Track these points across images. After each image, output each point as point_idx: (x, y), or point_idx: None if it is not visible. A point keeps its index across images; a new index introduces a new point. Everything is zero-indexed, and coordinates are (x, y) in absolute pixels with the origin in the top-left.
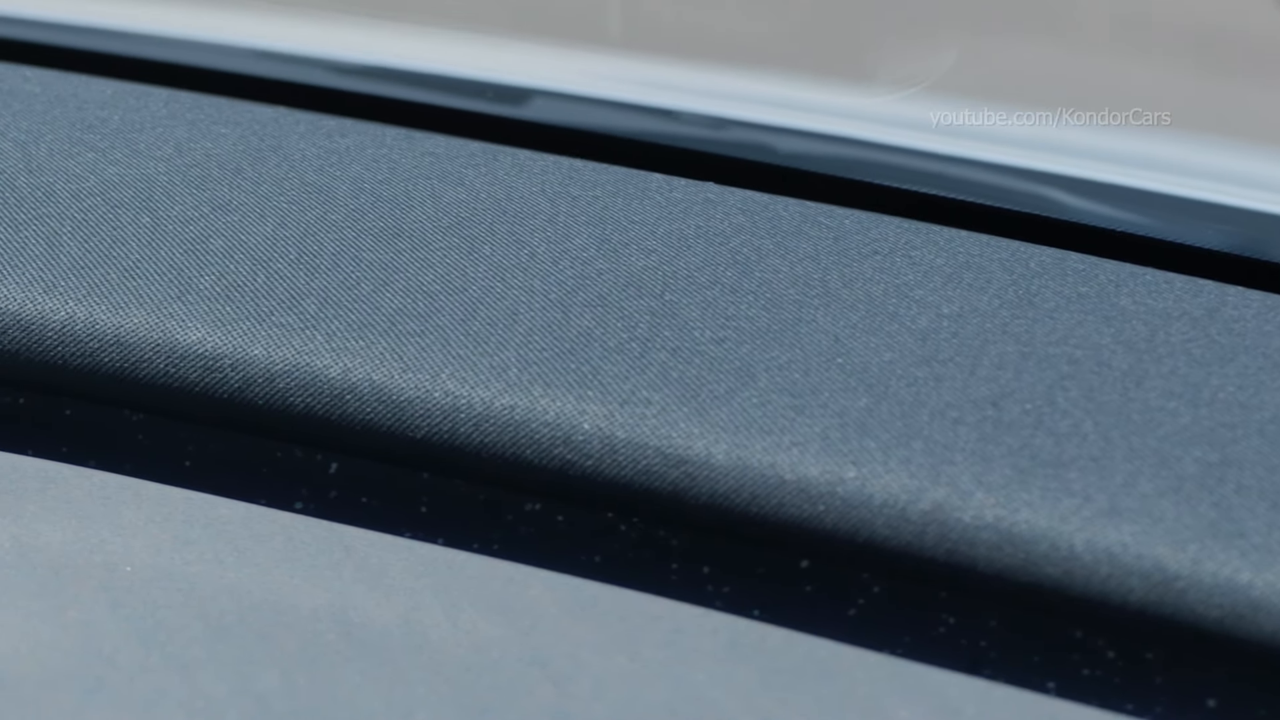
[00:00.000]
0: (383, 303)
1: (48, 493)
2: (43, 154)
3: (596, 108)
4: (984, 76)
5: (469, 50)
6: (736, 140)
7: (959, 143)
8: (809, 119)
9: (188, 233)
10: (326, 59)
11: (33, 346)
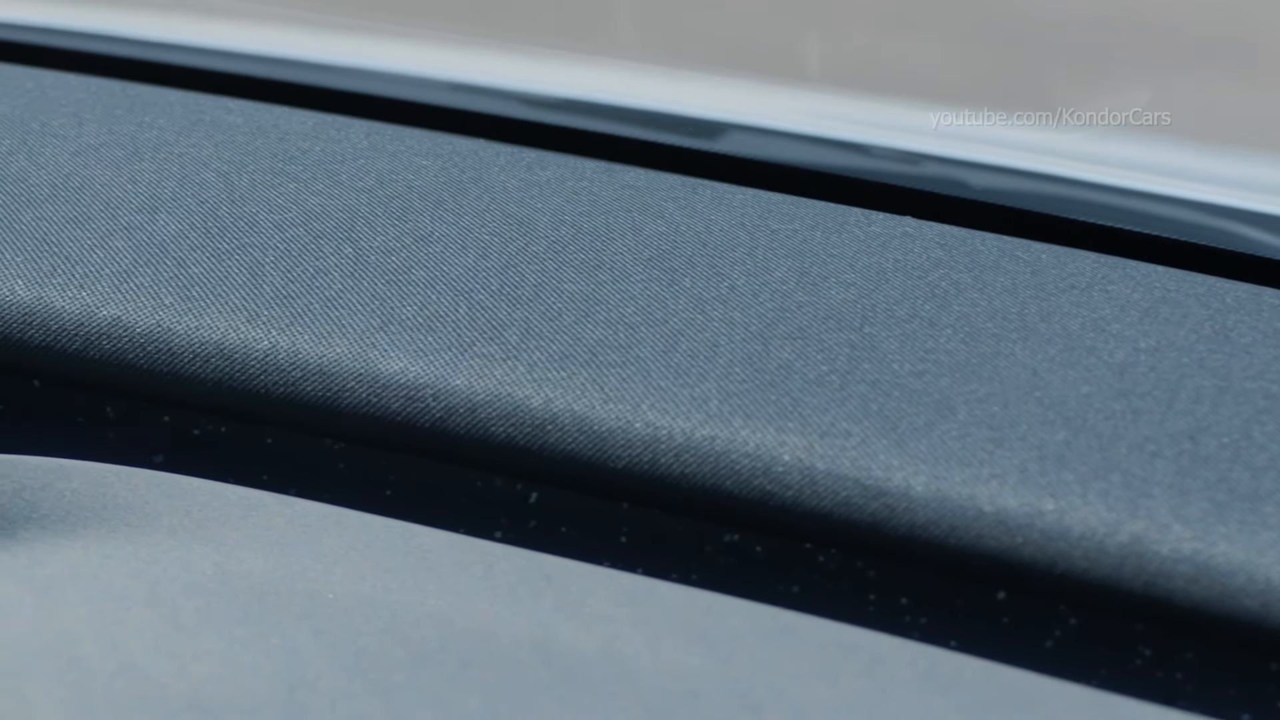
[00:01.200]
0: (584, 334)
1: (250, 520)
2: (245, 184)
3: (794, 142)
4: (1175, 113)
5: (669, 85)
6: (933, 175)
7: (1154, 179)
8: (1006, 155)
9: (390, 263)
10: (526, 92)
11: (236, 375)
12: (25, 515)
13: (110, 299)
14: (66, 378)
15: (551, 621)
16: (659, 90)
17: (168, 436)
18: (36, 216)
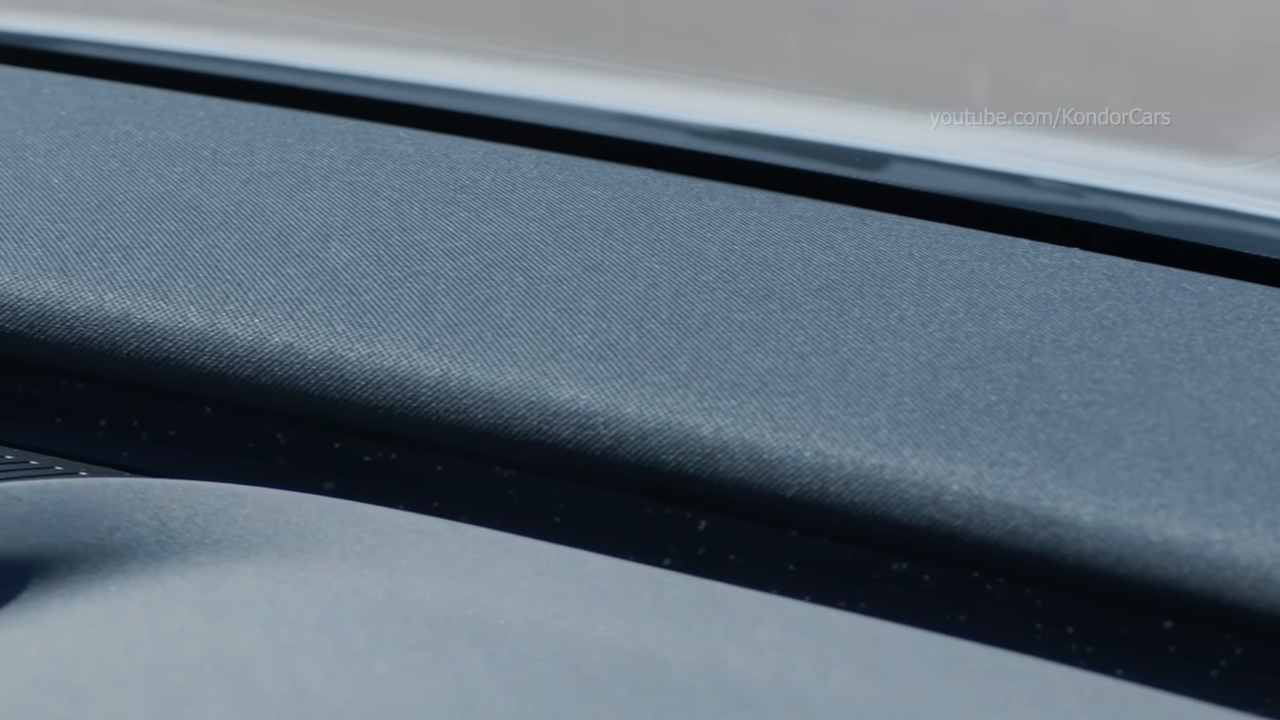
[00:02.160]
0: (754, 363)
1: (420, 546)
2: (416, 212)
3: (962, 174)
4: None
5: (836, 116)
6: (1099, 207)
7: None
8: (1172, 187)
9: (561, 292)
10: (695, 123)
11: (407, 402)
12: (198, 540)
13: (283, 326)
14: (239, 404)
15: (721, 649)
16: (827, 122)
17: (339, 462)
18: (209, 244)
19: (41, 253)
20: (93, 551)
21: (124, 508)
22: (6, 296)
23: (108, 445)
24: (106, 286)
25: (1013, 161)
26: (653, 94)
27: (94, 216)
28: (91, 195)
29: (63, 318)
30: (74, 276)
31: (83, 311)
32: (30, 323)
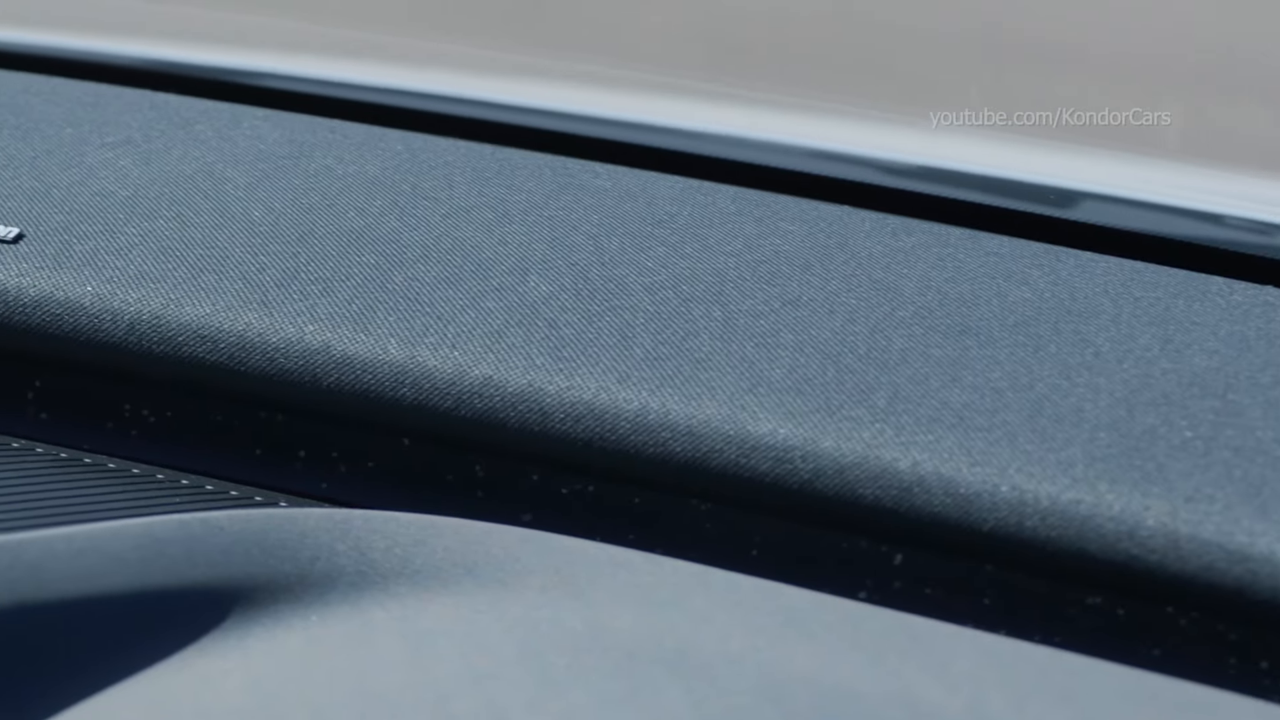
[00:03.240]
0: (951, 398)
1: (618, 578)
2: (615, 247)
3: (1156, 212)
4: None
5: (1027, 154)
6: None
7: None
8: None
9: (759, 326)
10: (890, 161)
11: (606, 435)
12: (398, 570)
13: (482, 359)
14: (437, 436)
15: (916, 682)
16: (1021, 160)
17: (537, 495)
18: (408, 277)
19: (242, 285)
20: (294, 581)
21: (324, 538)
22: (208, 328)
23: (307, 476)
24: (307, 319)
25: (1208, 200)
26: (849, 131)
27: (294, 250)
28: (292, 229)
29: (263, 350)
30: (274, 309)
31: (283, 344)
32: (231, 354)
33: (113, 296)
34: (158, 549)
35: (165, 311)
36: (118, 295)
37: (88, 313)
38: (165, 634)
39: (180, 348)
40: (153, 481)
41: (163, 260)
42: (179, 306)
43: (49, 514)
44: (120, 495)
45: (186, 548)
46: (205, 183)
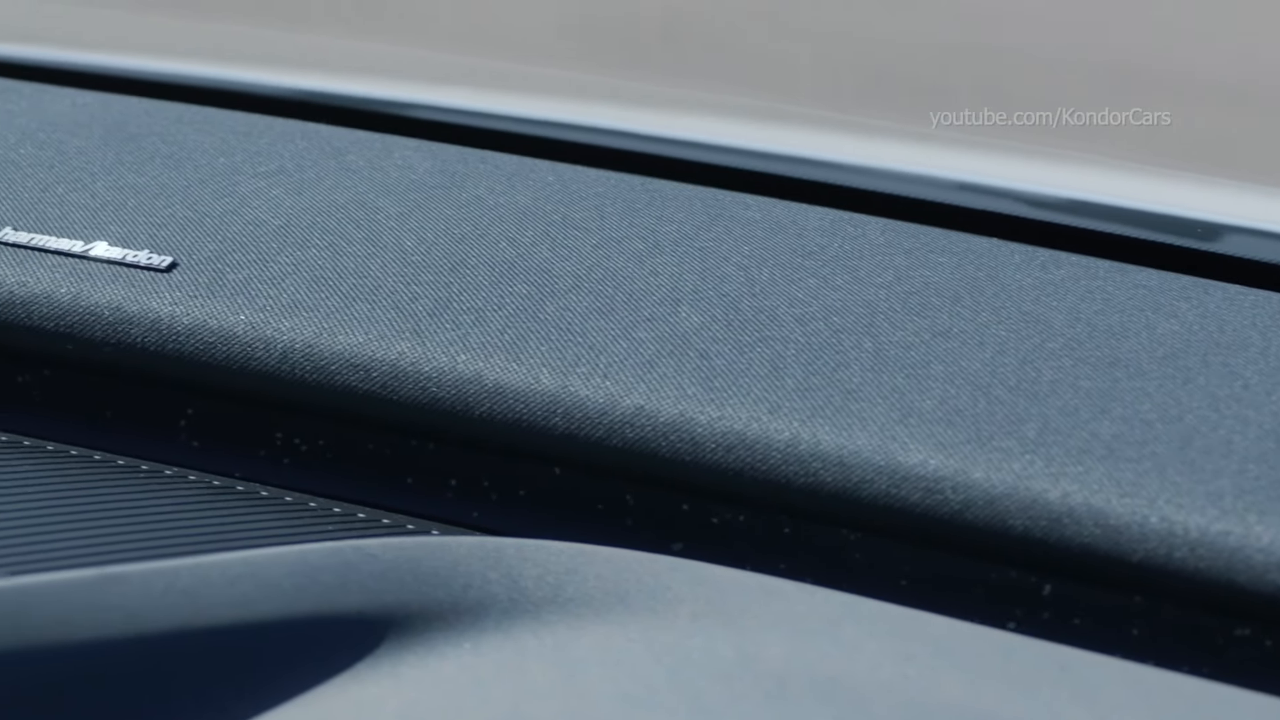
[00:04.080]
0: (1100, 429)
1: (769, 607)
2: (765, 278)
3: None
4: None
5: (1176, 188)
6: None
7: None
8: None
9: (909, 358)
10: (1038, 194)
11: (757, 465)
12: (550, 599)
13: (634, 388)
14: (589, 465)
15: (1066, 713)
16: (1168, 193)
17: (687, 524)
18: (560, 307)
19: (395, 314)
20: (447, 609)
21: (477, 566)
22: (360, 357)
23: (458, 505)
24: (459, 348)
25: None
26: (997, 165)
27: (446, 279)
28: (444, 258)
29: (415, 378)
30: (427, 338)
31: (435, 373)
32: (383, 383)
33: (266, 325)
34: (311, 576)
35: (318, 340)
36: (270, 324)
37: (240, 341)
38: (319, 661)
39: (333, 376)
40: (305, 509)
41: (315, 289)
42: (332, 335)
43: (202, 541)
44: (273, 523)
45: (340, 575)
46: (357, 212)
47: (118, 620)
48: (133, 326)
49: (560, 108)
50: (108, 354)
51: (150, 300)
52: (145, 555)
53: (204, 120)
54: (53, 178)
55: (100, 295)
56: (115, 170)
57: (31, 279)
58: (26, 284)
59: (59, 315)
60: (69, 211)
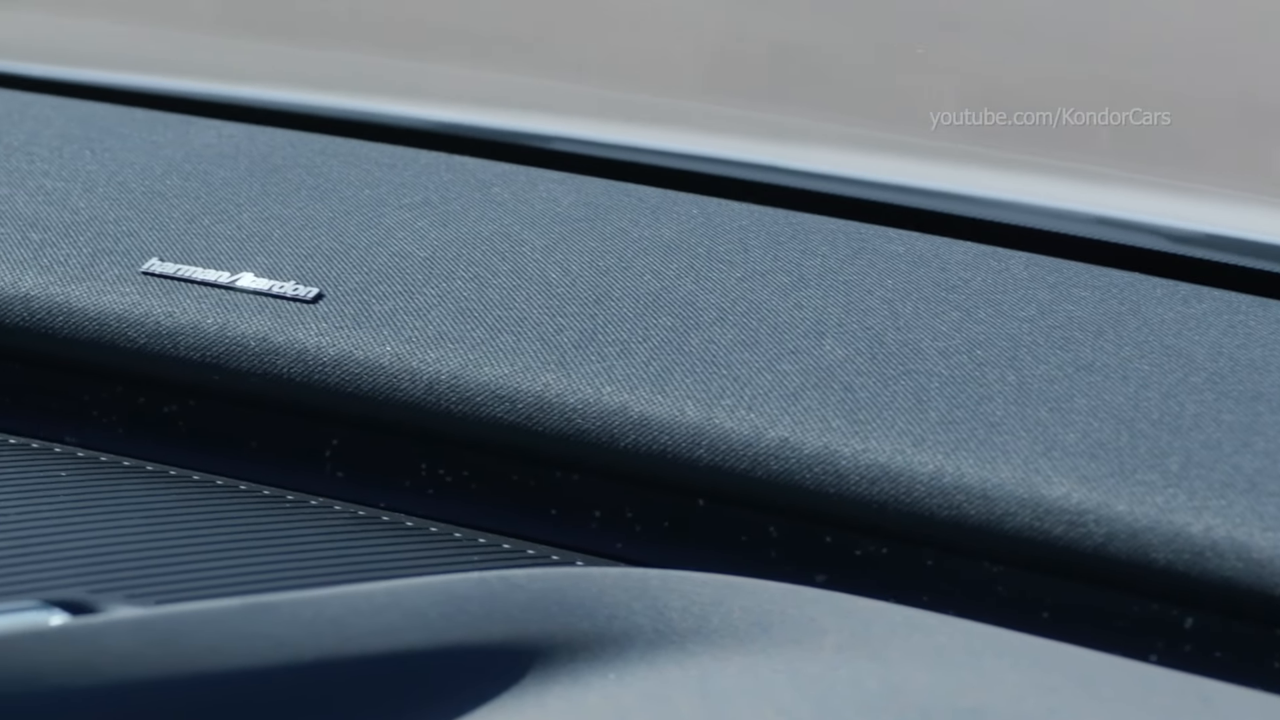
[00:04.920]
0: (1243, 463)
1: (913, 639)
2: (909, 312)
3: None
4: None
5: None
6: None
7: None
8: None
9: (1052, 391)
10: (1179, 229)
11: (900, 498)
12: (694, 630)
13: (778, 420)
14: (732, 496)
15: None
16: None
17: (831, 555)
18: (705, 339)
19: (540, 346)
20: (592, 640)
21: (622, 597)
22: (506, 389)
23: (602, 535)
24: (604, 380)
25: None
26: (1137, 200)
27: (591, 311)
28: (588, 290)
29: (561, 410)
30: (572, 370)
31: (580, 404)
32: (529, 414)
33: (411, 356)
34: (458, 606)
35: (463, 371)
36: (416, 355)
37: (386, 372)
38: (465, 691)
39: (478, 408)
40: (450, 540)
41: (461, 321)
42: (477, 367)
43: (348, 571)
44: (418, 553)
45: (486, 605)
46: (503, 244)
47: (266, 649)
48: (279, 357)
49: (703, 141)
50: (254, 384)
51: (296, 331)
52: (292, 585)
53: (349, 152)
54: (199, 209)
55: (247, 326)
56: (261, 202)
57: (178, 310)
58: (173, 315)
59: (206, 346)
60: (215, 243)
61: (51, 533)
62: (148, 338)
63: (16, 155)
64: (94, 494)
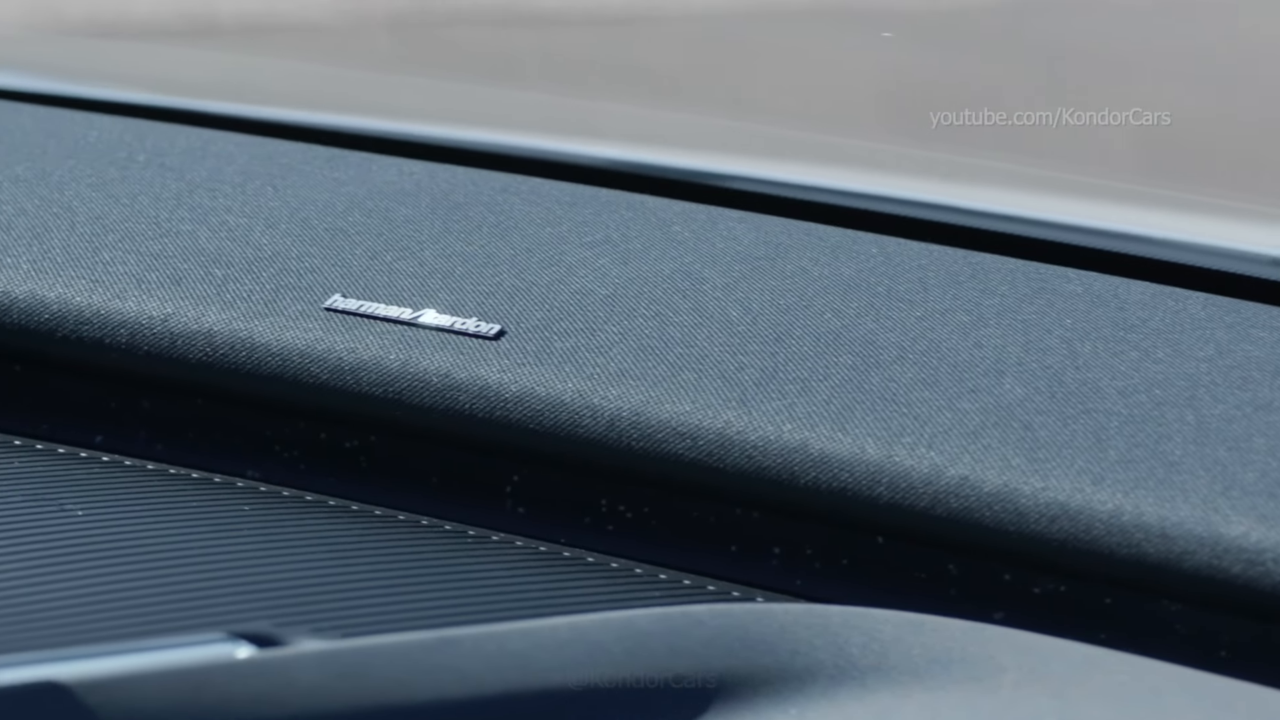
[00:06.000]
0: None
1: (1092, 678)
2: (1087, 351)
3: None
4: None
5: None
6: None
7: None
8: None
9: (1231, 431)
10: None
11: (1079, 536)
12: (875, 666)
13: (959, 459)
14: (909, 533)
15: None
16: None
17: (1009, 593)
18: (885, 378)
19: (721, 384)
20: (774, 675)
21: (803, 633)
22: (687, 426)
23: (781, 572)
24: (785, 418)
25: None
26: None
27: (772, 349)
28: (769, 329)
29: (742, 447)
30: (753, 407)
31: (761, 441)
32: (709, 451)
33: (593, 393)
34: (640, 641)
35: (645, 408)
36: (598, 391)
37: (568, 408)
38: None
39: (660, 444)
40: (630, 575)
41: (642, 358)
42: (659, 404)
43: (530, 606)
44: (599, 588)
45: (668, 641)
46: (683, 283)
47: (451, 682)
48: (461, 393)
49: (883, 181)
50: (435, 420)
51: (479, 367)
52: (474, 620)
53: (529, 190)
54: (381, 245)
55: (429, 362)
56: (443, 239)
57: (361, 346)
58: (356, 351)
59: (388, 382)
60: (398, 279)
61: (236, 567)
62: (330, 373)
63: (200, 191)
64: (277, 529)
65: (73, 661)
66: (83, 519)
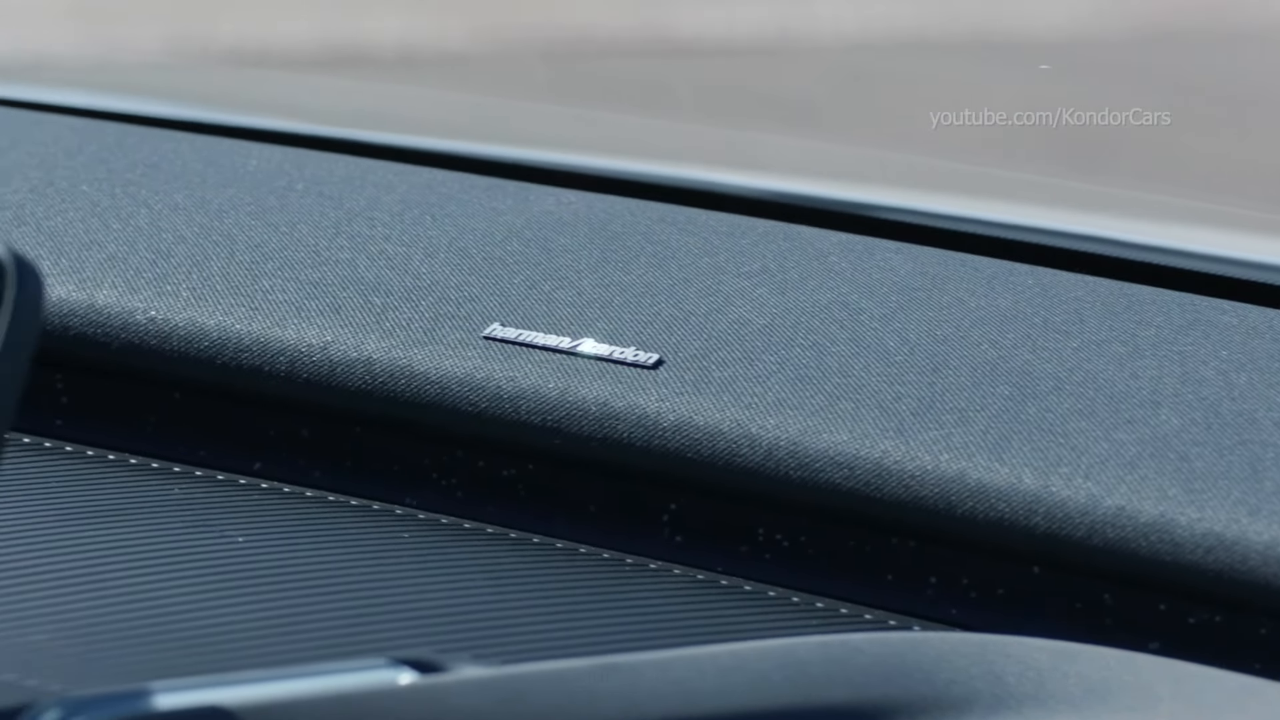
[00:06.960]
0: None
1: (1249, 707)
2: (1243, 382)
3: None
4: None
5: None
6: None
7: None
8: None
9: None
10: None
11: (1235, 566)
12: (1031, 695)
13: (1115, 489)
14: (1065, 563)
15: None
16: None
17: (1164, 623)
18: (1042, 408)
19: (879, 414)
20: (931, 704)
21: (960, 662)
22: (845, 455)
23: (937, 601)
24: (943, 448)
25: None
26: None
27: (929, 380)
28: (926, 359)
29: (899, 477)
30: (910, 437)
31: (919, 471)
32: (866, 480)
33: (751, 422)
34: (799, 669)
35: (803, 438)
36: (756, 421)
37: (726, 438)
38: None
39: (817, 473)
40: (788, 604)
41: (800, 387)
42: (816, 433)
43: (688, 634)
44: (756, 617)
45: (826, 670)
46: (840, 313)
47: (613, 709)
48: (619, 422)
49: (1038, 213)
50: (594, 449)
51: (637, 396)
52: (633, 647)
53: (686, 220)
54: (539, 275)
55: (587, 391)
56: (601, 268)
57: (519, 374)
58: (514, 379)
59: (547, 410)
60: (556, 308)
61: (395, 593)
62: (489, 402)
63: (358, 220)
64: (434, 556)
65: (235, 686)
66: (243, 545)
